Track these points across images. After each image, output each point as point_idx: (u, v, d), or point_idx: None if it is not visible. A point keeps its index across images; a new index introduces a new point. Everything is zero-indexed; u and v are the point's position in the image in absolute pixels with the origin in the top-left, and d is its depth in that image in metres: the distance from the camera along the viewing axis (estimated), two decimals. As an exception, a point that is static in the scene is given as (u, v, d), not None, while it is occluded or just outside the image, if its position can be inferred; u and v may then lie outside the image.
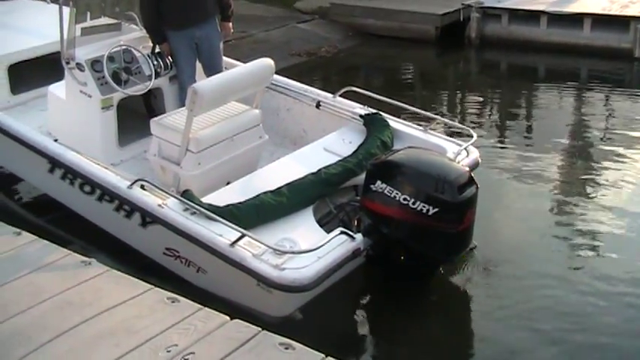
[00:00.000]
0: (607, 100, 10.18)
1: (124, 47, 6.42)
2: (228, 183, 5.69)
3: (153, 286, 4.01)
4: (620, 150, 8.05)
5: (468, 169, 5.18)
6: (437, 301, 5.48)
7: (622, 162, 7.76)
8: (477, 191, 4.95)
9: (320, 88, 7.17)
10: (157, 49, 6.61)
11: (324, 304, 4.93)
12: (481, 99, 10.52)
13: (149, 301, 3.87)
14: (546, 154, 7.97)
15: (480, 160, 5.99)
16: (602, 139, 8.61)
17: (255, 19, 13.31)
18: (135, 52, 6.48)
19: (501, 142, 8.60)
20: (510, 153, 8.18)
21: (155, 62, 6.55)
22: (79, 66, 6.20)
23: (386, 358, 4.90)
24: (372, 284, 5.52)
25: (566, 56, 11.85)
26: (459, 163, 5.49)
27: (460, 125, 7.36)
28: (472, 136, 6.11)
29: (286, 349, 3.40)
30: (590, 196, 7.03)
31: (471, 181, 4.93)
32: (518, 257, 5.89)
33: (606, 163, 7.75)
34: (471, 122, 9.19)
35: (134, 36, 6.72)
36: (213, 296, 4.91)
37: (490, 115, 10.03)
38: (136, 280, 4.12)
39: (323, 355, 3.35)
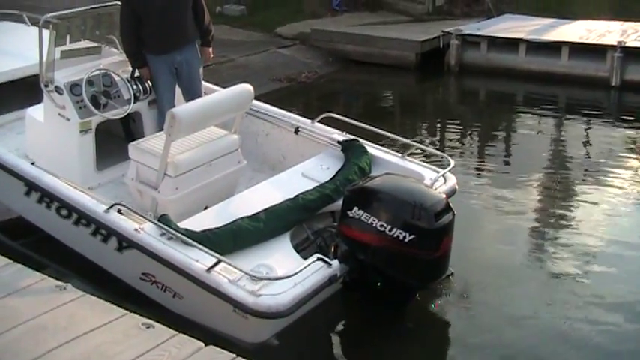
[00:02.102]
0: (585, 127, 10.28)
1: (103, 71, 6.43)
2: (206, 208, 5.70)
3: (128, 312, 3.98)
4: (598, 177, 8.16)
5: (445, 196, 5.21)
6: (413, 327, 5.48)
7: (599, 189, 7.85)
8: (454, 218, 4.98)
9: (300, 114, 7.21)
10: (137, 73, 6.62)
11: (300, 330, 4.93)
12: (460, 126, 10.59)
13: (124, 327, 3.83)
14: (524, 182, 8.04)
15: (457, 187, 6.03)
16: (579, 166, 8.70)
17: (236, 44, 13.36)
18: (114, 75, 6.49)
19: (479, 169, 8.65)
20: (488, 180, 8.25)
21: (134, 86, 6.56)
22: (58, 89, 6.20)
23: (362, 384, 4.90)
24: (348, 310, 5.53)
25: (545, 84, 11.98)
26: (436, 190, 5.52)
27: (438, 152, 7.40)
28: (450, 163, 6.15)
29: (261, 375, 3.38)
30: (567, 222, 7.09)
31: (447, 208, 4.96)
32: (495, 284, 5.92)
33: (584, 190, 7.84)
34: (450, 149, 9.25)
35: (114, 60, 6.72)
36: (189, 322, 4.90)
37: (469, 142, 10.09)
38: (111, 305, 4.07)
39: (297, 382, 3.34)
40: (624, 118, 10.59)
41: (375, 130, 6.62)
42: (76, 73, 6.30)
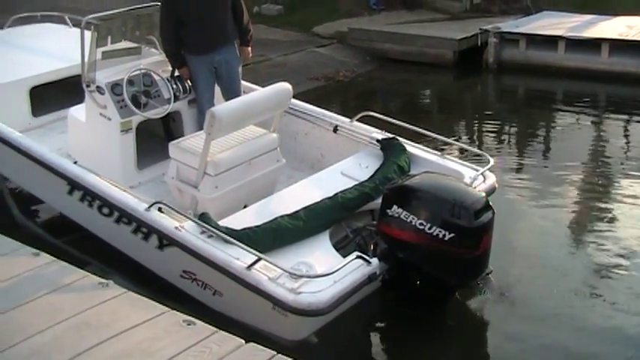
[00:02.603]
0: (625, 125, 10.15)
1: (143, 71, 6.50)
2: (245, 206, 5.72)
3: (169, 309, 4.03)
4: (638, 176, 8.03)
5: (484, 194, 5.18)
6: (452, 326, 5.47)
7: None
8: (494, 216, 4.95)
9: (338, 113, 7.19)
10: (176, 73, 6.68)
11: (339, 328, 4.93)
12: (498, 124, 10.51)
13: (165, 324, 3.88)
14: (564, 179, 7.97)
15: (496, 186, 5.99)
16: (619, 163, 8.59)
17: (274, 43, 13.41)
18: (154, 75, 6.56)
19: (519, 166, 8.59)
20: (528, 178, 8.18)
21: (174, 86, 6.62)
22: (99, 89, 6.27)
23: (401, 383, 4.89)
24: (387, 309, 5.52)
25: (584, 81, 11.86)
26: (475, 188, 5.49)
27: (477, 150, 7.37)
28: (489, 161, 6.11)
29: (301, 372, 3.40)
30: (608, 218, 7.03)
31: (487, 207, 4.93)
32: (535, 282, 5.88)
33: (624, 186, 7.76)
34: (488, 147, 9.19)
35: (154, 60, 6.79)
36: (229, 319, 4.92)
37: (507, 140, 10.02)
38: (153, 302, 4.13)
39: (337, 379, 3.35)
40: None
41: (414, 128, 6.60)
42: (116, 74, 6.37)
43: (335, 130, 6.78)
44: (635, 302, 5.63)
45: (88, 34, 6.20)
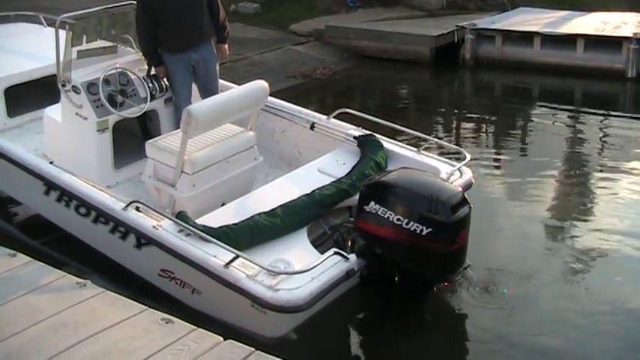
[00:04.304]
0: (601, 120, 10.23)
1: (119, 70, 6.47)
2: (223, 204, 5.72)
3: (147, 308, 4.02)
4: (614, 170, 8.14)
5: (461, 189, 5.21)
6: (431, 320, 5.50)
7: (615, 182, 7.83)
8: (470, 211, 4.98)
9: (315, 110, 7.21)
10: (153, 72, 6.66)
11: (318, 324, 4.95)
12: (475, 120, 10.58)
13: (143, 322, 3.87)
14: (540, 174, 8.03)
15: (473, 181, 6.03)
16: (595, 158, 8.68)
17: (251, 42, 13.39)
18: (130, 74, 6.53)
19: (496, 162, 8.65)
20: (505, 173, 8.25)
21: (151, 85, 6.60)
22: (75, 89, 6.25)
23: (380, 378, 4.92)
24: (365, 305, 5.54)
25: (560, 77, 11.95)
26: (452, 183, 5.52)
27: (454, 146, 7.40)
28: (466, 157, 6.15)
29: (280, 368, 3.41)
30: (584, 216, 7.09)
31: (464, 201, 4.96)
32: (512, 276, 5.90)
33: (600, 184, 7.82)
34: (465, 143, 9.25)
35: (130, 59, 6.76)
36: (208, 317, 4.92)
37: (484, 136, 10.08)
38: (131, 301, 4.12)
39: (316, 375, 3.37)
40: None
41: (391, 124, 6.63)
42: (92, 73, 6.35)
43: (312, 127, 6.79)
44: (613, 292, 5.71)
45: (62, 33, 6.17)
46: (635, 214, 7.12)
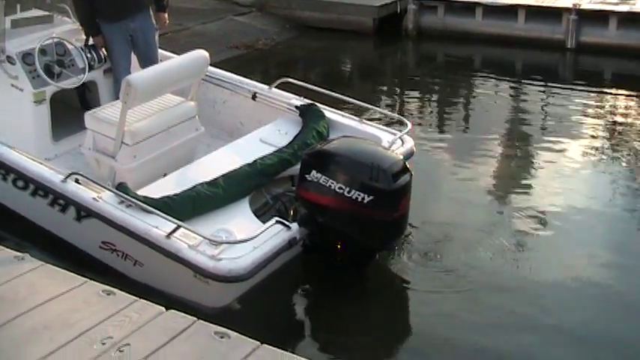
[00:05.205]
0: (541, 90, 10.34)
1: (56, 40, 6.35)
2: (164, 175, 5.68)
3: (88, 280, 3.98)
4: (554, 138, 8.27)
5: (402, 157, 5.25)
6: (374, 288, 5.53)
7: (556, 151, 7.95)
8: (412, 179, 5.02)
9: (258, 81, 7.16)
10: (91, 42, 6.55)
11: (261, 294, 4.96)
12: (418, 90, 10.62)
13: (84, 295, 3.84)
14: (482, 144, 8.13)
15: (414, 149, 6.07)
16: (536, 128, 8.79)
17: (192, 12, 13.22)
18: (68, 44, 6.42)
19: (438, 131, 8.75)
20: (446, 142, 8.34)
21: (89, 55, 6.49)
22: (10, 59, 6.12)
23: (323, 345, 4.93)
24: (309, 273, 5.56)
25: (502, 47, 12.05)
26: (393, 151, 5.55)
27: (396, 115, 7.45)
28: (407, 126, 6.19)
29: (222, 337, 3.40)
30: (525, 184, 7.19)
31: (405, 169, 5.00)
32: (453, 243, 5.98)
33: (541, 152, 7.94)
34: (408, 113, 9.31)
35: (67, 28, 6.64)
36: (151, 289, 4.89)
37: (427, 106, 10.13)
38: (71, 273, 4.08)
39: (259, 343, 3.36)
40: (579, 80, 10.69)
41: (333, 94, 6.63)
42: (28, 43, 6.22)
43: (254, 97, 6.76)
44: (555, 259, 5.83)
45: (-5, 2, 6.03)
46: (576, 181, 7.27)
